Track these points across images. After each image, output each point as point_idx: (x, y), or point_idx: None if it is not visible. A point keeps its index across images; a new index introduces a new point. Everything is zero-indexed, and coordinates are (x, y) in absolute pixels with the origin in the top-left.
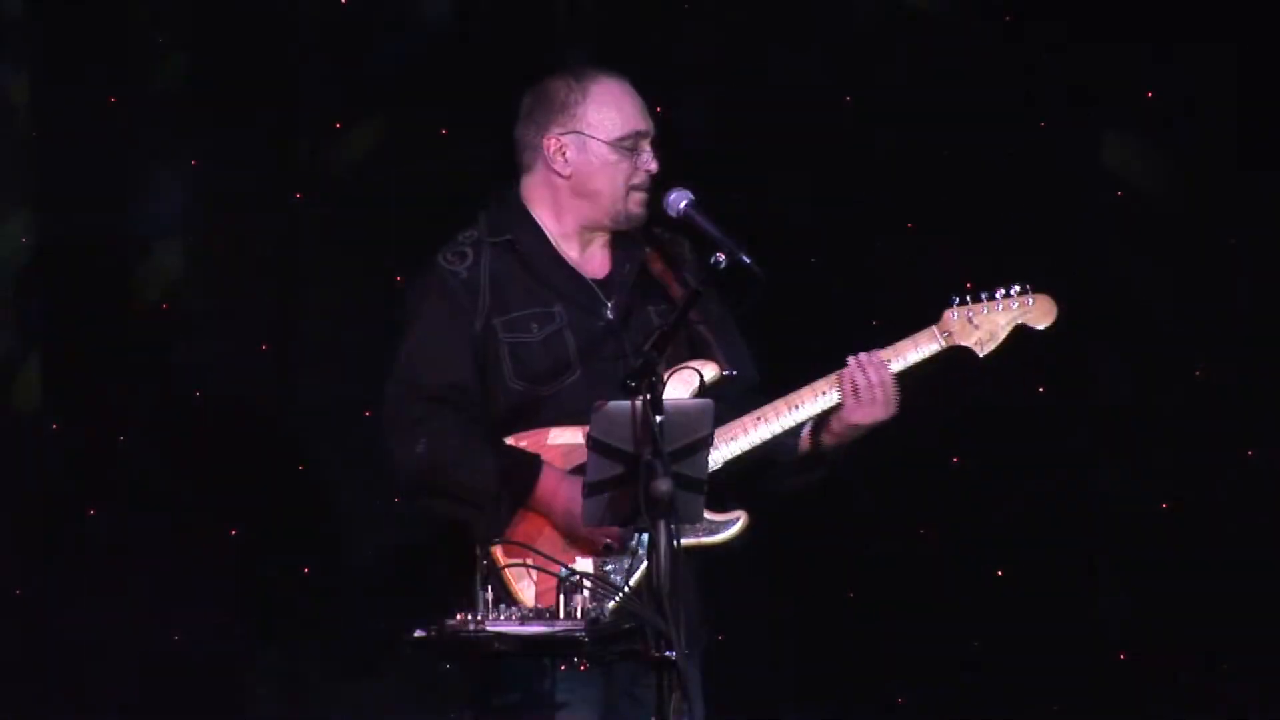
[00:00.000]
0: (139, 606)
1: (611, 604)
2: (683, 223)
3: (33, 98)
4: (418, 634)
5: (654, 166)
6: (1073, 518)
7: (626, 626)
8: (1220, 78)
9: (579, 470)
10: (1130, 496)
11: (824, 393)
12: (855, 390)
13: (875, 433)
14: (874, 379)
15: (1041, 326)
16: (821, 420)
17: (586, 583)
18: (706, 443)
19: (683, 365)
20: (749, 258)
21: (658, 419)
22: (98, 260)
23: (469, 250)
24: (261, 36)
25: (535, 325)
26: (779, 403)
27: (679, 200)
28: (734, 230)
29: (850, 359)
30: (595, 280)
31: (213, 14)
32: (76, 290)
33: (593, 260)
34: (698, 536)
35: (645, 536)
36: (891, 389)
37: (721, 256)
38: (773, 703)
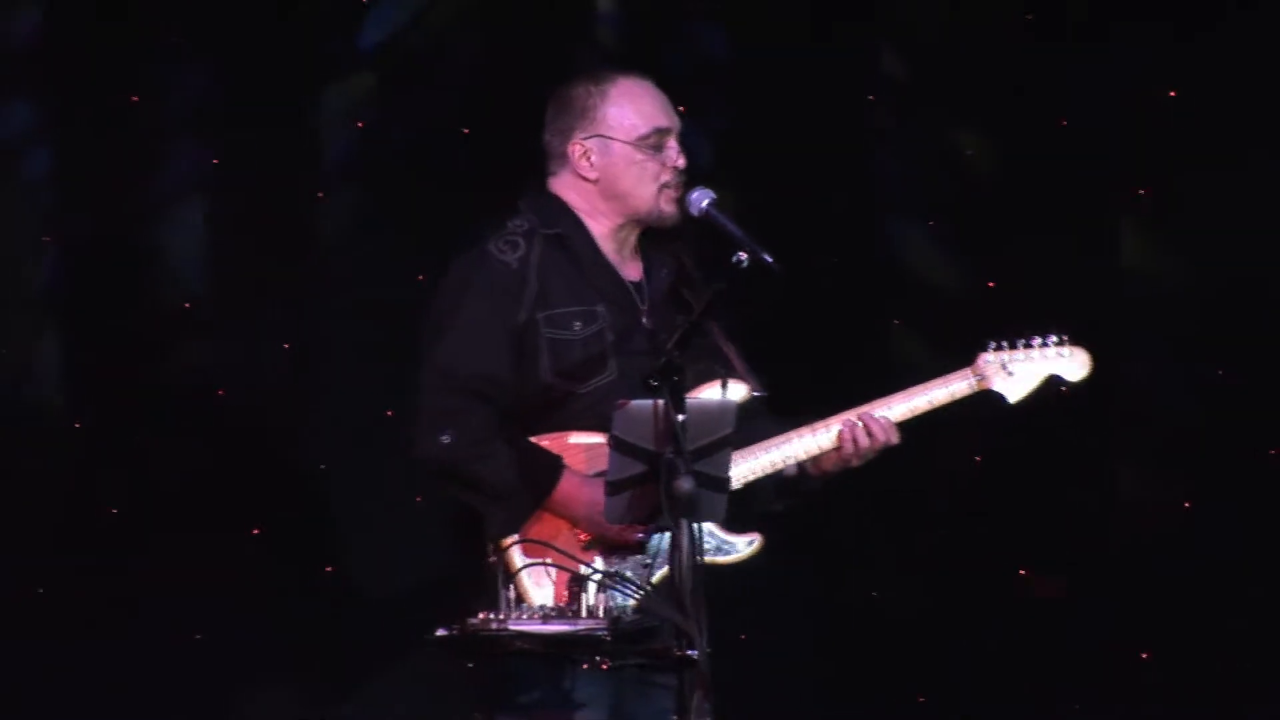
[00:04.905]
0: (160, 605)
1: (633, 602)
2: (703, 222)
3: (52, 96)
4: (440, 633)
5: (681, 162)
6: (1094, 517)
7: (649, 625)
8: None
9: (600, 474)
10: (1151, 495)
11: (826, 429)
12: (855, 445)
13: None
14: (876, 442)
15: (1074, 379)
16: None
17: (607, 580)
18: (728, 441)
19: (716, 379)
20: (770, 256)
21: (680, 418)
22: (119, 260)
23: (520, 240)
24: (282, 35)
25: (578, 324)
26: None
27: (701, 199)
28: (754, 230)
29: (851, 417)
30: (632, 283)
31: (232, 12)
32: (98, 290)
33: (627, 264)
34: (711, 556)
35: (665, 540)
36: (882, 447)
37: (744, 255)
38: (792, 701)
